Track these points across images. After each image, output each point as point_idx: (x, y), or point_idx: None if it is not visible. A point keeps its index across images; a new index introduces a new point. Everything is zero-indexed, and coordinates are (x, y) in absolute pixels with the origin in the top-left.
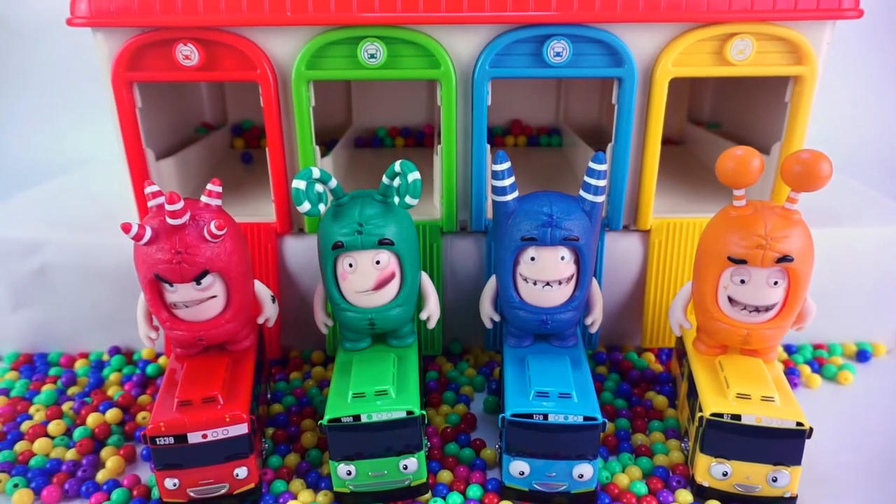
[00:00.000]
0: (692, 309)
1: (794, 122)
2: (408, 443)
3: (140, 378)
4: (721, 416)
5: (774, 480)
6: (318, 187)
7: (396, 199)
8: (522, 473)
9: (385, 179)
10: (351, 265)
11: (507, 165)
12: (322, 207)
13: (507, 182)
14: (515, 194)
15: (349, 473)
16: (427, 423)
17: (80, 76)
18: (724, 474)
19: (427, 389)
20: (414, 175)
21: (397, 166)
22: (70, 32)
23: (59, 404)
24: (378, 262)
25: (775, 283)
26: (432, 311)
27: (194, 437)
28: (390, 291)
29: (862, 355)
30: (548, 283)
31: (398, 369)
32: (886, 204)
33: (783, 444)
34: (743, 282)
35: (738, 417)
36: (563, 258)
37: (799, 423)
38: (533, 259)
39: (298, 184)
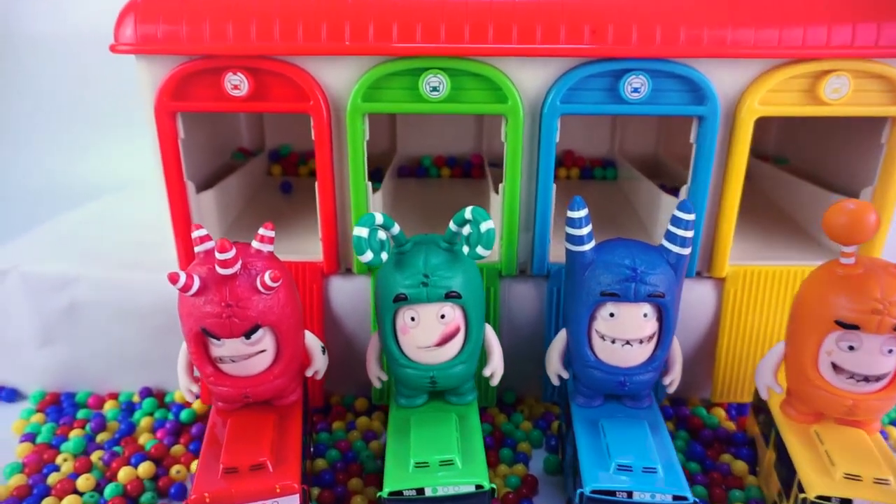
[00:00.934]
0: (782, 370)
1: (890, 166)
2: None
3: (173, 425)
4: (828, 499)
5: None
6: (381, 234)
7: (465, 249)
8: None
9: (453, 226)
10: (413, 319)
11: (584, 213)
12: (384, 256)
13: (585, 231)
14: (593, 244)
15: None
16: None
17: (107, 98)
18: None
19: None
20: (487, 224)
21: (468, 213)
22: (104, 55)
23: (88, 453)
24: (443, 317)
25: (889, 350)
26: (496, 367)
27: None
28: (454, 347)
29: None
30: (627, 342)
31: (461, 432)
32: None
33: None
34: (852, 348)
35: (848, 502)
36: (645, 315)
37: None
38: (612, 315)
39: (360, 231)
